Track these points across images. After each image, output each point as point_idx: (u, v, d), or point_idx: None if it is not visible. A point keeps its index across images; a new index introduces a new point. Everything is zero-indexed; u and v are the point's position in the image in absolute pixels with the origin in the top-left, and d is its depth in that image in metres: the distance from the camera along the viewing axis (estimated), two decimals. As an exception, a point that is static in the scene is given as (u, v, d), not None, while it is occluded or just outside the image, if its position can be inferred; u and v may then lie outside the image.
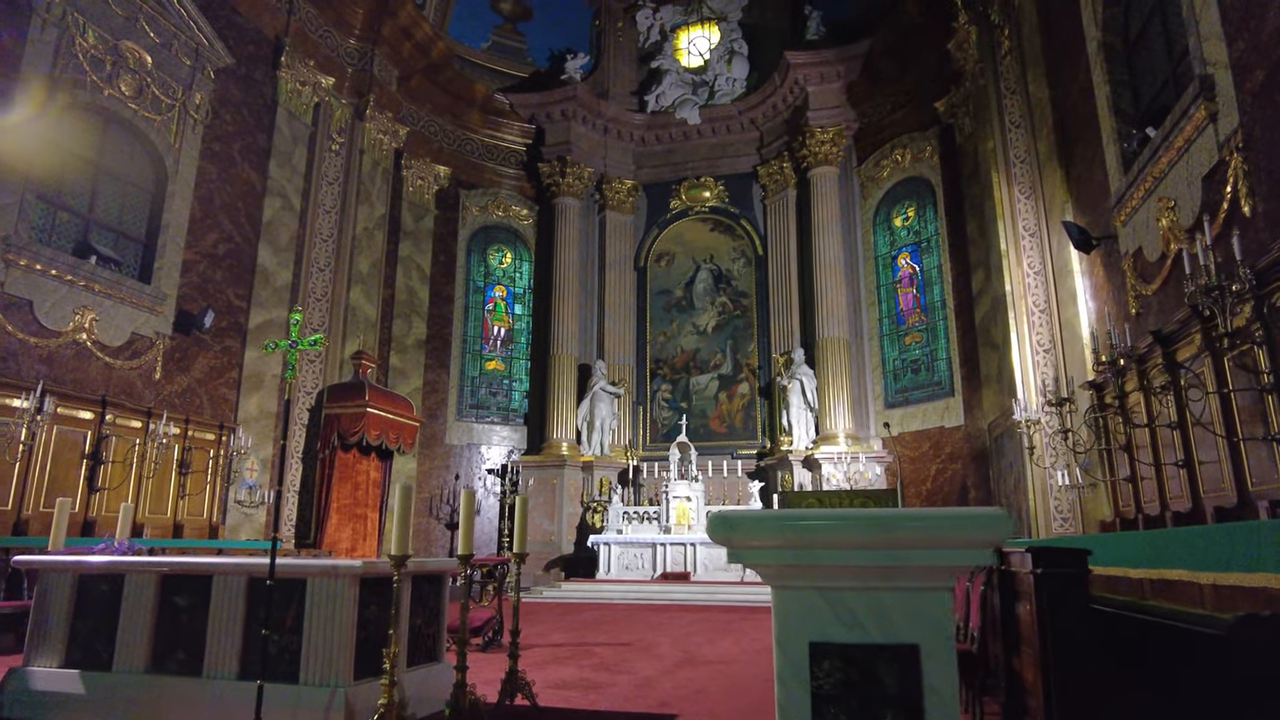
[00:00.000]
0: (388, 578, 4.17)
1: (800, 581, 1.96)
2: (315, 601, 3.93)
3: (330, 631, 3.87)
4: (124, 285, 10.67)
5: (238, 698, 3.93)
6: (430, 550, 16.51)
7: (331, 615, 3.89)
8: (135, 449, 10.56)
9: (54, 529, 5.11)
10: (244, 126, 12.89)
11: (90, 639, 4.41)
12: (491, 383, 18.34)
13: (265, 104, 13.33)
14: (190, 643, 4.19)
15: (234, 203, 12.56)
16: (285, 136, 13.60)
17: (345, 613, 3.88)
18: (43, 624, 4.48)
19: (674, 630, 8.86)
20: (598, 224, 18.96)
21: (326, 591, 3.92)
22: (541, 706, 4.55)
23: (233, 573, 4.15)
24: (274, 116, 13.44)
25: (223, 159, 12.38)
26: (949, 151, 15.53)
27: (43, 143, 9.79)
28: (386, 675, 3.70)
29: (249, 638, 4.07)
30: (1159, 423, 7.58)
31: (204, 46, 11.96)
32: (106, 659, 4.33)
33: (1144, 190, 7.55)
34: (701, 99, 19.01)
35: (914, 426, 15.61)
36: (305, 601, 3.94)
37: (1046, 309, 11.08)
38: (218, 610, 4.13)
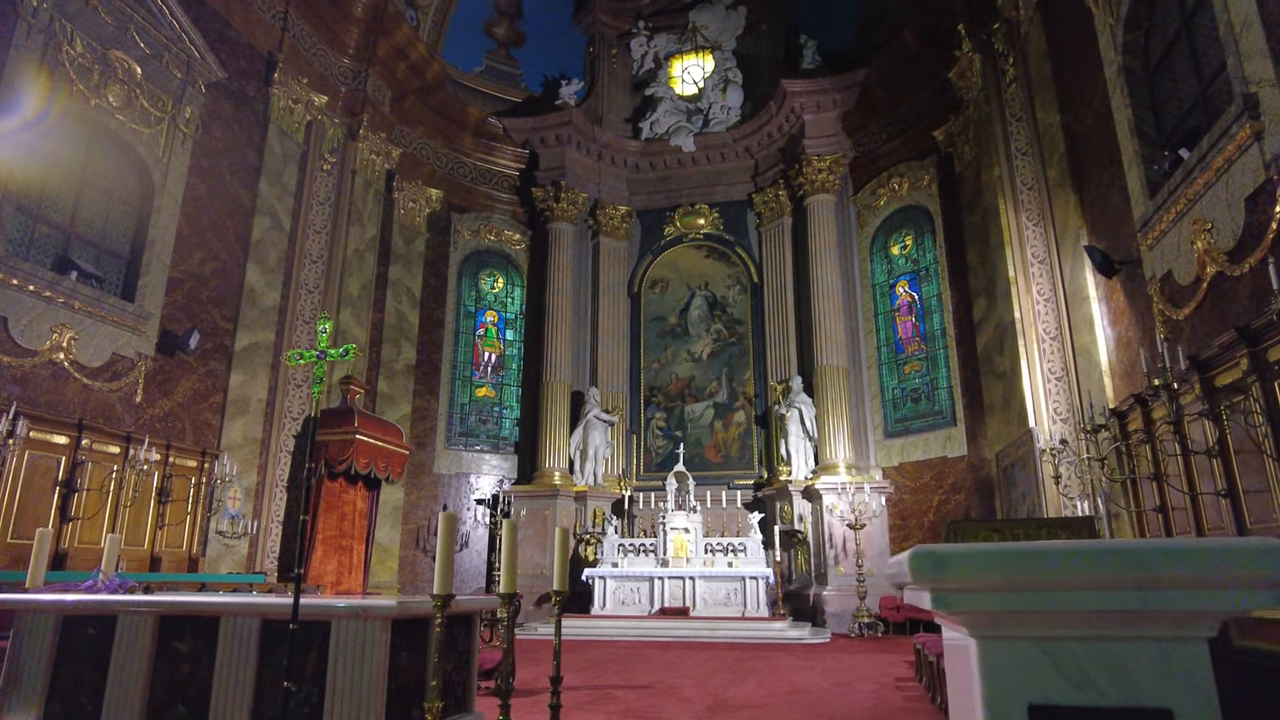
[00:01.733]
0: (421, 619, 3.74)
1: (1017, 631, 1.59)
2: (341, 647, 3.48)
3: (359, 681, 3.41)
4: (105, 303, 10.14)
5: (248, 758, 3.45)
6: (416, 585, 15.86)
7: (360, 663, 3.44)
8: (113, 476, 9.95)
9: (33, 563, 4.59)
10: (234, 143, 12.47)
11: (73, 690, 3.90)
12: (481, 410, 17.84)
13: (256, 120, 12.94)
14: (193, 695, 3.71)
15: (222, 220, 12.09)
16: (276, 154, 13.19)
17: (376, 660, 3.43)
18: (17, 673, 3.96)
19: (689, 670, 8.39)
20: (591, 249, 18.69)
21: (354, 635, 3.47)
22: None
23: (244, 613, 3.69)
24: (265, 134, 13.04)
25: (211, 175, 11.94)
26: (947, 180, 15.50)
27: (24, 152, 9.30)
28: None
29: (262, 689, 3.59)
30: (1195, 449, 7.36)
31: (195, 59, 11.57)
32: (92, 713, 3.82)
33: (1175, 213, 7.40)
34: (696, 126, 18.93)
35: (915, 457, 15.35)
36: (329, 647, 3.49)
37: (1058, 336, 10.92)
38: (226, 657, 3.66)
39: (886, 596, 14.00)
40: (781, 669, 8.48)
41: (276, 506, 12.76)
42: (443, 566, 3.30)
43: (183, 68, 11.39)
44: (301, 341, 13.53)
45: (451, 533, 3.36)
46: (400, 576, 15.54)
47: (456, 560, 16.38)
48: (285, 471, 12.97)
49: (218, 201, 12.04)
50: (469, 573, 16.56)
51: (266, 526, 12.46)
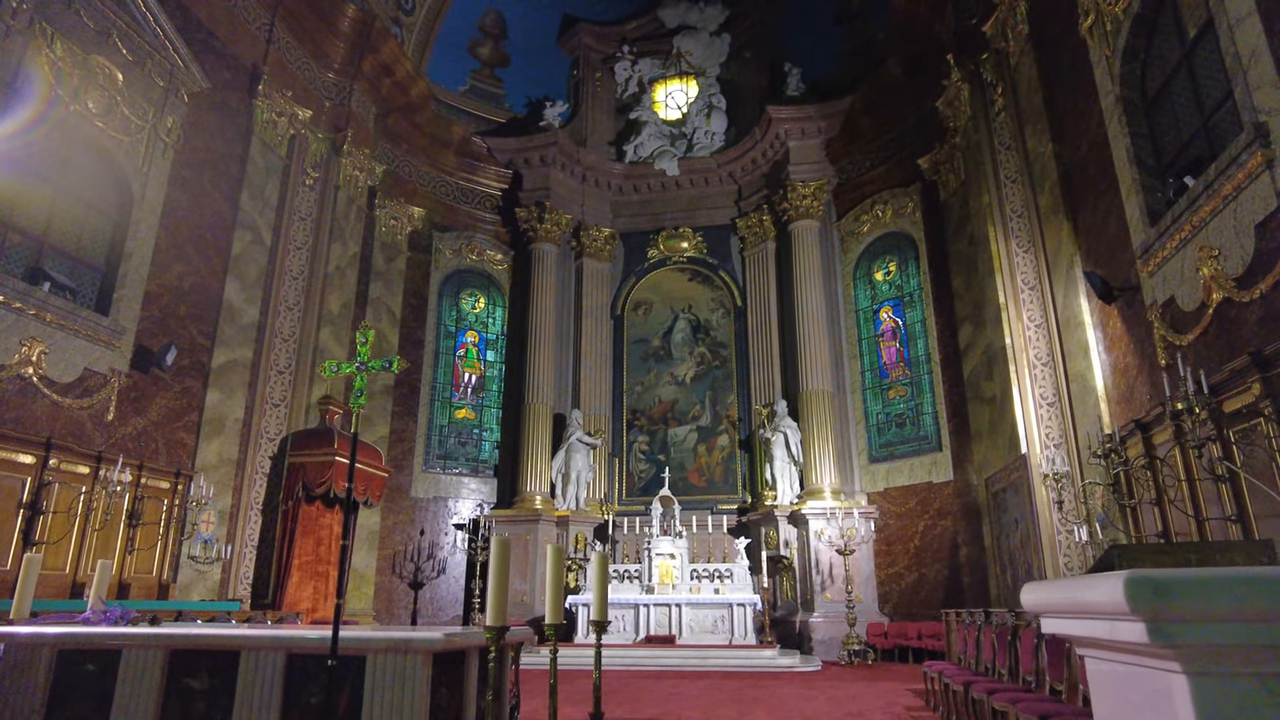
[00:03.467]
0: (455, 652, 3.49)
1: (1241, 666, 1.44)
2: (377, 684, 3.22)
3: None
4: (79, 316, 9.69)
5: (272, 806, 3.16)
6: (393, 612, 15.34)
7: (399, 701, 3.18)
8: (81, 498, 9.44)
9: (18, 592, 4.23)
10: (216, 155, 12.12)
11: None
12: (461, 432, 17.46)
13: (239, 133, 12.61)
14: (208, 736, 3.40)
15: (202, 234, 11.70)
16: (259, 168, 12.86)
17: (417, 698, 3.18)
18: (7, 713, 3.61)
19: (691, 701, 8.14)
20: (574, 271, 18.54)
21: (393, 671, 3.21)
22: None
23: (267, 647, 3.40)
24: (248, 146, 12.71)
25: (192, 187, 11.56)
26: (931, 207, 15.69)
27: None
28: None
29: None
30: (1203, 475, 7.39)
31: (179, 69, 11.24)
32: (94, 758, 3.48)
33: (1179, 239, 7.48)
34: (680, 151, 18.97)
35: (899, 482, 15.34)
36: (364, 684, 3.22)
37: (1050, 362, 10.99)
38: (247, 695, 3.36)
39: (874, 623, 13.89)
40: (786, 699, 8.26)
41: (251, 530, 12.25)
42: (497, 594, 3.08)
43: (165, 76, 11.06)
44: (280, 361, 13.12)
45: (505, 559, 3.13)
46: (376, 604, 15.02)
47: (431, 587, 15.93)
48: (261, 494, 12.48)
49: (198, 214, 11.66)
50: (445, 600, 16.08)
51: (240, 551, 11.94)
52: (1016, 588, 11.17)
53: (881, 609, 14.48)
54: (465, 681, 3.58)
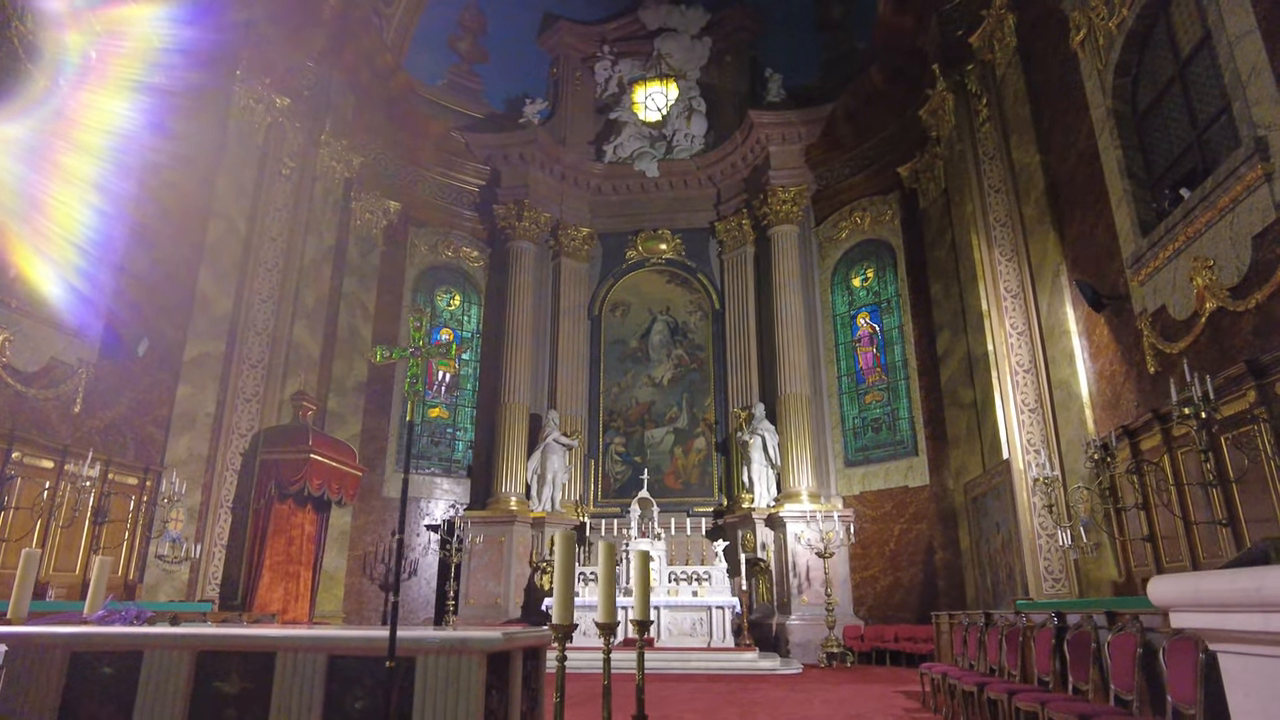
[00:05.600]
0: (501, 653, 3.36)
1: None
2: (429, 686, 3.06)
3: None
4: (45, 303, 9.22)
5: (314, 817, 2.99)
6: (363, 614, 14.96)
7: (453, 705, 3.03)
8: (45, 493, 8.98)
9: (16, 591, 3.95)
10: (191, 140, 11.68)
11: (88, 740, 3.33)
12: (434, 431, 17.14)
13: (216, 119, 12.19)
14: (241, 743, 3.21)
15: (176, 220, 11.26)
16: (235, 155, 12.46)
17: (472, 701, 3.03)
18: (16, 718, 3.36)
19: (686, 704, 8.06)
20: (552, 270, 18.35)
21: (447, 673, 3.06)
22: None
23: (307, 649, 3.22)
24: (224, 133, 12.29)
25: (166, 171, 11.11)
26: (910, 215, 15.90)
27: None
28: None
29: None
30: (1189, 481, 7.57)
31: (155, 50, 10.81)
32: (113, 767, 3.26)
33: (1172, 250, 7.67)
34: (659, 153, 18.93)
35: (875, 486, 15.49)
36: (414, 686, 3.07)
37: (1032, 369, 11.19)
38: (284, 699, 3.18)
39: (850, 626, 13.98)
40: (781, 702, 8.23)
41: (220, 529, 11.82)
42: (563, 590, 2.96)
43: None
44: (252, 354, 12.70)
45: (571, 555, 3.02)
46: (346, 605, 14.63)
47: (403, 589, 15.58)
48: (231, 492, 12.05)
49: (171, 199, 11.22)
50: (416, 602, 15.74)
51: (209, 551, 11.50)
52: (997, 591, 11.34)
53: (857, 612, 14.58)
54: (511, 683, 3.44)
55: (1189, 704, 3.61)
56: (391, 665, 2.74)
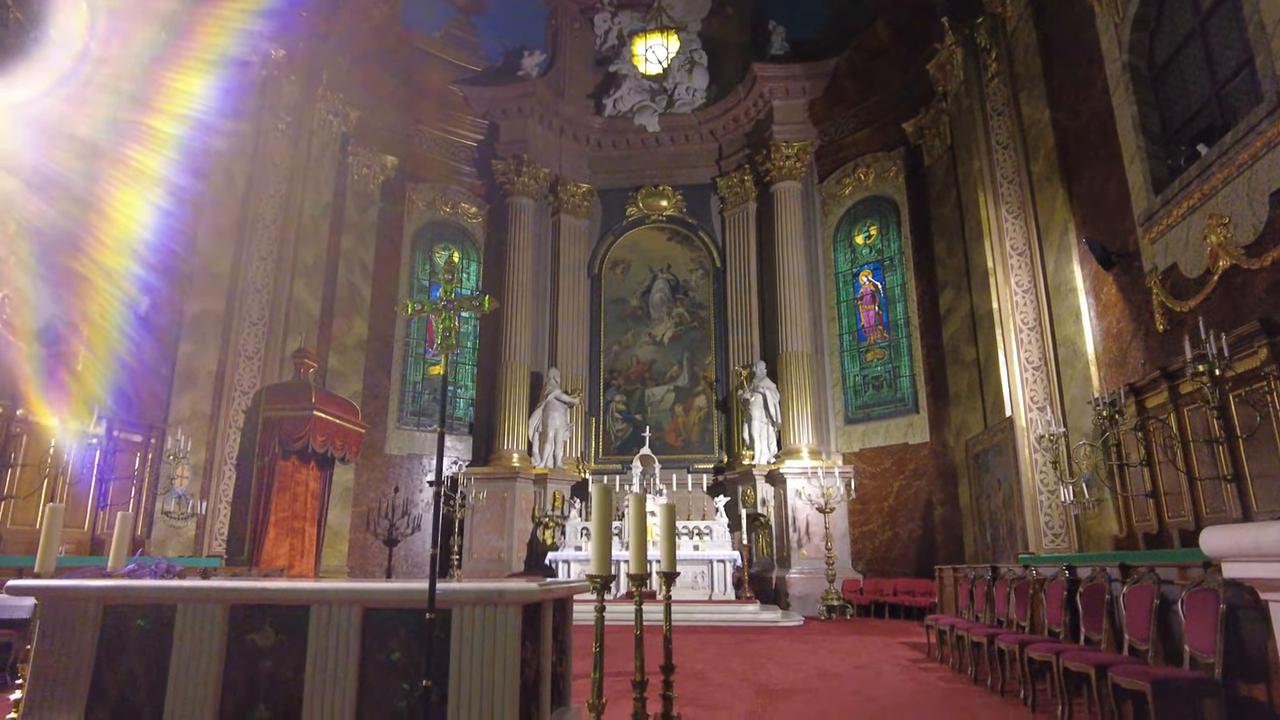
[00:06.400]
0: (532, 605, 3.39)
1: None
2: (465, 638, 3.09)
3: (489, 676, 3.03)
4: (45, 259, 9.09)
5: (355, 765, 3.03)
6: (367, 569, 15.13)
7: (489, 654, 3.06)
8: (51, 451, 8.96)
9: (42, 546, 3.96)
10: (186, 93, 11.41)
11: (125, 692, 3.35)
12: (435, 389, 17.12)
13: (211, 71, 11.88)
14: (278, 696, 3.23)
15: (172, 176, 11.06)
16: (230, 110, 12.16)
17: (509, 651, 3.06)
18: (50, 671, 3.39)
19: (693, 654, 8.20)
20: (551, 227, 18.17)
21: (483, 624, 3.09)
22: (701, 758, 3.84)
23: (341, 602, 3.24)
24: (218, 88, 11.99)
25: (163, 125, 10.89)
26: (915, 172, 15.75)
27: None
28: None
29: (366, 688, 3.16)
30: (1195, 438, 7.63)
31: None
32: (151, 717, 3.29)
33: (1186, 207, 7.61)
34: (660, 107, 18.60)
35: (875, 443, 15.61)
36: (450, 637, 3.09)
37: (1036, 327, 11.19)
38: (320, 652, 3.20)
39: (849, 580, 14.21)
40: (788, 653, 8.39)
41: (225, 486, 11.85)
42: (601, 541, 2.97)
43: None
44: (252, 313, 12.60)
45: (608, 509, 3.02)
46: (350, 560, 14.79)
47: (405, 545, 15.75)
48: (235, 449, 12.06)
49: (167, 154, 11.00)
50: (420, 557, 15.90)
51: (215, 507, 11.55)
52: (996, 545, 11.51)
53: (855, 566, 14.80)
54: (542, 634, 3.48)
55: (1207, 653, 3.68)
56: (431, 616, 2.75)
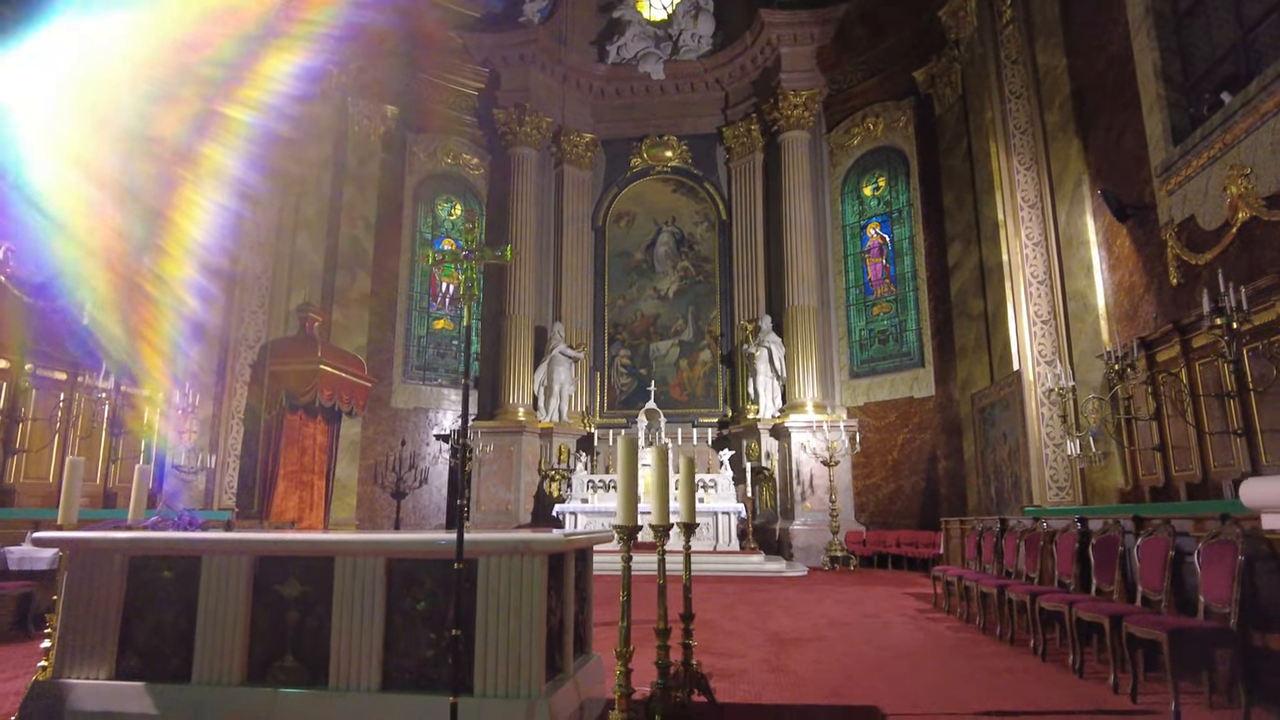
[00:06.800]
0: (561, 554, 3.41)
1: None
2: (492, 587, 3.11)
3: (516, 626, 3.06)
4: (45, 212, 8.97)
5: (383, 715, 3.08)
6: (375, 521, 15.31)
7: (516, 604, 3.09)
8: (61, 405, 8.98)
9: (64, 498, 3.96)
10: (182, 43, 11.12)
11: (153, 642, 3.39)
12: (439, 343, 17.11)
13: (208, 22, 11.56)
14: (305, 645, 3.27)
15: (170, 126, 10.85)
16: (230, 56, 11.87)
17: (535, 601, 3.09)
18: (79, 622, 3.42)
19: (704, 604, 8.29)
20: (554, 179, 17.93)
21: (509, 574, 3.11)
22: (723, 703, 3.91)
23: (365, 553, 3.25)
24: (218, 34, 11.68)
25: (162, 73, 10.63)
26: (924, 122, 15.47)
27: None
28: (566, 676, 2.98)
29: (392, 637, 3.20)
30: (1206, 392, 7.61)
31: (138, -64, 10.16)
32: (180, 668, 3.34)
33: (1207, 158, 7.48)
34: (665, 54, 18.20)
35: (880, 397, 15.63)
36: (477, 587, 3.11)
37: (1046, 280, 11.11)
38: (345, 602, 3.23)
39: (852, 531, 14.38)
40: (795, 602, 8.52)
41: (233, 440, 11.92)
42: (627, 492, 2.97)
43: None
44: (253, 267, 12.50)
45: (634, 460, 3.02)
46: (359, 513, 14.95)
47: (413, 497, 15.89)
48: (242, 403, 12.09)
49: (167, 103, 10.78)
50: (428, 509, 16.09)
51: (223, 461, 11.63)
52: (1000, 498, 11.60)
53: (858, 518, 14.97)
54: (566, 583, 3.51)
55: (1222, 603, 3.72)
56: (460, 566, 2.76)
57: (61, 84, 9.30)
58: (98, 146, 9.53)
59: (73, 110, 9.43)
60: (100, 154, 9.65)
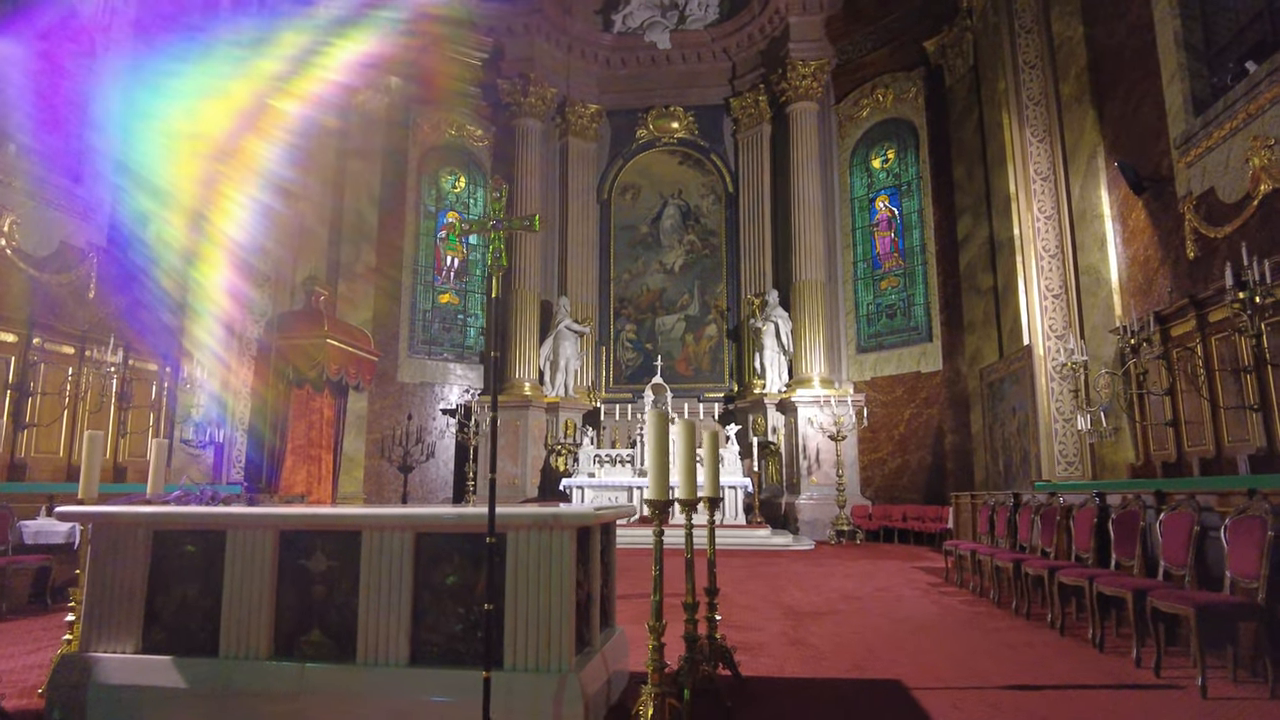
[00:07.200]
0: (588, 528, 3.39)
1: None
2: (521, 561, 3.09)
3: (546, 600, 3.05)
4: (50, 183, 8.88)
5: (412, 690, 3.08)
6: (382, 495, 15.35)
7: (545, 578, 3.07)
8: (69, 379, 8.94)
9: (84, 472, 3.94)
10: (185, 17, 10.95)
11: (179, 617, 3.38)
12: (445, 317, 17.04)
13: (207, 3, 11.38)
14: (332, 619, 3.26)
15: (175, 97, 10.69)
16: (230, 28, 11.69)
17: (565, 575, 3.07)
18: (104, 596, 3.41)
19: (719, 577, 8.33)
20: (559, 150, 17.74)
21: (538, 548, 3.09)
22: (747, 676, 3.91)
23: (392, 527, 3.23)
24: (217, 9, 11.49)
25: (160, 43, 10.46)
26: (935, 93, 15.27)
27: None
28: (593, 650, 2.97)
29: (421, 611, 3.18)
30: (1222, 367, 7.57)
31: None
32: (207, 642, 3.33)
33: (1229, 129, 7.36)
34: (671, 23, 17.93)
35: (887, 371, 15.60)
36: (506, 562, 3.09)
37: (1058, 254, 11.02)
38: (372, 576, 3.21)
39: (858, 506, 14.42)
40: (804, 575, 8.54)
41: (241, 414, 11.90)
42: (658, 466, 2.94)
43: (123, -91, 9.79)
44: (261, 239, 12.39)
45: (664, 434, 2.98)
46: (366, 487, 14.98)
47: (420, 471, 15.94)
48: (249, 377, 12.04)
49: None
50: (435, 483, 16.13)
51: (231, 435, 11.62)
52: (1009, 473, 11.61)
53: (864, 493, 15.00)
54: (592, 557, 3.49)
55: (1249, 578, 3.70)
56: (492, 540, 2.74)
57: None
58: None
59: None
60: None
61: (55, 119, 9.24)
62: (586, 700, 2.97)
